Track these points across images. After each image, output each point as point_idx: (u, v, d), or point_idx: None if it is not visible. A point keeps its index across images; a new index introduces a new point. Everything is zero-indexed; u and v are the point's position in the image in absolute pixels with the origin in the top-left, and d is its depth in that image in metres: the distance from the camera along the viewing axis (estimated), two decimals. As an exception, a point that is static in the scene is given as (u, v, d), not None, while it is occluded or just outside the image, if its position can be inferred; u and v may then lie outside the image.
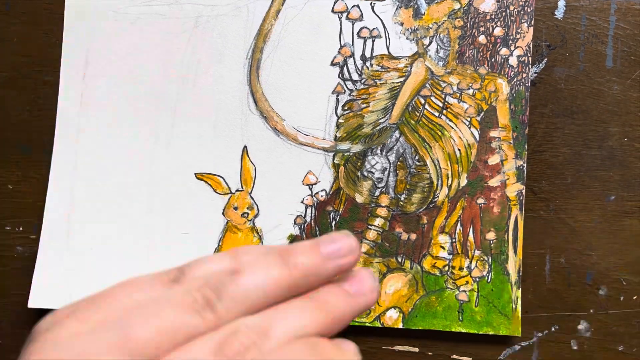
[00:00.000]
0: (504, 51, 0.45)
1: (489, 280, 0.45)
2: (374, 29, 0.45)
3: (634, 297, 0.46)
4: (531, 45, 0.45)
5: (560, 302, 0.45)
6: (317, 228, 0.45)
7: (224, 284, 0.21)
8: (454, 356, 0.45)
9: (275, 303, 0.22)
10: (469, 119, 0.45)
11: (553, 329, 0.45)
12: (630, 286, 0.46)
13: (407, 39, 0.46)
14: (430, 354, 0.45)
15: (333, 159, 0.45)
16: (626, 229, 0.46)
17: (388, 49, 0.45)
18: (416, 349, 0.45)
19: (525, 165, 0.45)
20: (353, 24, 0.45)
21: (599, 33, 0.46)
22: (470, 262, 0.45)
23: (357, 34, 0.45)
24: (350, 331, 0.45)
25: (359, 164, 0.45)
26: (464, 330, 0.44)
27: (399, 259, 0.45)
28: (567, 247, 0.45)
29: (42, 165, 0.45)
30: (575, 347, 0.43)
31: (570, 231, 0.45)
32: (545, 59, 0.46)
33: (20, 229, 0.45)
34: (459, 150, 0.45)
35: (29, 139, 0.46)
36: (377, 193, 0.45)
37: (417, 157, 0.45)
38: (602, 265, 0.45)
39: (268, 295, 0.22)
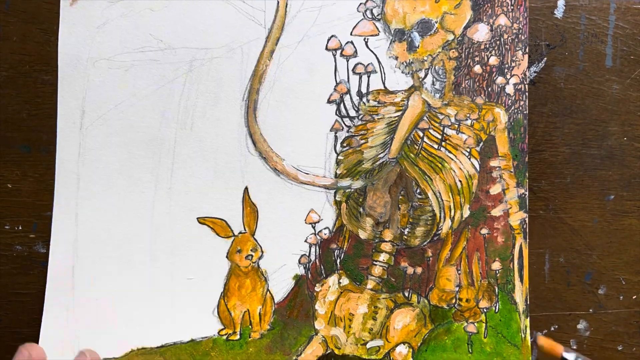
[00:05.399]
0: (500, 80, 0.45)
1: (496, 310, 0.45)
2: (368, 64, 0.45)
3: (634, 297, 0.45)
4: (527, 73, 0.45)
5: (560, 302, 0.45)
6: (322, 267, 0.45)
7: None
8: None
9: None
10: (468, 150, 0.45)
11: (552, 329, 0.45)
12: (630, 285, 0.45)
13: (402, 72, 0.45)
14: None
15: (334, 196, 0.45)
16: (626, 228, 0.46)
17: (384, 83, 0.45)
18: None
19: (527, 193, 0.45)
20: (348, 61, 0.45)
21: (599, 32, 0.46)
22: (477, 293, 0.45)
23: (352, 70, 0.45)
24: (360, 366, 0.45)
25: (360, 200, 0.45)
26: (474, 363, 0.44)
27: (406, 294, 0.45)
28: (566, 246, 0.45)
29: (41, 165, 0.45)
30: (574, 347, 0.42)
31: (570, 230, 0.45)
32: (545, 59, 0.46)
33: (20, 227, 0.45)
34: (460, 181, 0.45)
35: (28, 138, 0.45)
36: (380, 228, 0.45)
37: (418, 191, 0.45)
38: (602, 265, 0.45)
39: None
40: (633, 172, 0.46)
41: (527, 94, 0.45)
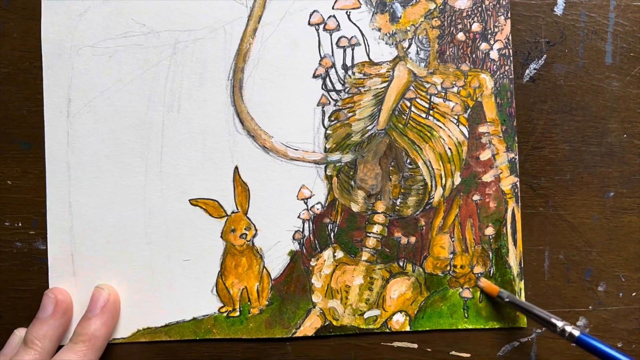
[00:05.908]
0: (484, 46, 0.45)
1: (491, 274, 0.45)
2: (352, 37, 0.45)
3: (633, 294, 0.46)
4: (510, 38, 0.45)
5: (559, 299, 0.45)
6: (316, 241, 0.45)
7: None
8: (453, 352, 0.45)
9: None
10: (456, 117, 0.45)
11: (552, 325, 0.46)
12: (629, 282, 0.46)
13: (386, 43, 0.45)
14: (429, 350, 0.45)
15: (325, 171, 0.45)
16: (625, 225, 0.46)
17: (368, 55, 0.45)
18: (415, 345, 0.45)
19: (517, 157, 0.45)
20: (331, 35, 0.45)
21: (599, 29, 0.46)
22: (471, 259, 0.45)
23: (336, 43, 0.45)
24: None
25: (351, 173, 0.45)
26: (470, 327, 0.45)
27: (401, 263, 0.45)
28: (566, 243, 0.46)
29: (41, 161, 0.45)
30: (574, 344, 0.43)
31: (569, 227, 0.46)
32: (545, 56, 0.45)
33: (20, 224, 0.45)
34: (450, 149, 0.45)
35: (28, 134, 0.46)
36: (372, 200, 0.45)
37: (408, 160, 0.45)
38: (601, 262, 0.46)
39: None
40: (633, 169, 0.46)
41: (511, 58, 0.45)
